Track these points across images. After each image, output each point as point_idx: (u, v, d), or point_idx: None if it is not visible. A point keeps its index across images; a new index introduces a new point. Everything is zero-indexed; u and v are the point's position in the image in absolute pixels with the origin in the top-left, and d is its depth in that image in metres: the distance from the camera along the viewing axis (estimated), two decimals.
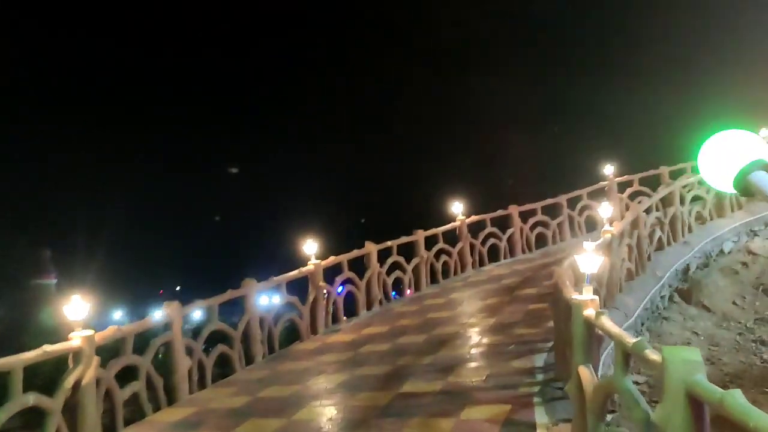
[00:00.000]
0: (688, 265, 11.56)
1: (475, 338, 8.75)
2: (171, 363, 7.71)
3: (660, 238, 11.55)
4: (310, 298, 10.68)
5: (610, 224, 9.61)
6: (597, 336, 4.77)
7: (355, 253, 12.08)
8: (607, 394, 4.17)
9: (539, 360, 7.27)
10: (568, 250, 15.20)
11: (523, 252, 15.92)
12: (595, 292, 6.07)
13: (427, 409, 6.06)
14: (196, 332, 8.88)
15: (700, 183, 12.65)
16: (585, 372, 4.61)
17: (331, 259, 11.49)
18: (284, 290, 10.25)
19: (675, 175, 18.20)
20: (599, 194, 17.56)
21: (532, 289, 11.49)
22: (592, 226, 17.26)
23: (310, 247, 11.07)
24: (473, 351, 8.07)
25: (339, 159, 43.81)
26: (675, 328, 10.20)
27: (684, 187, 12.48)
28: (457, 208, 15.13)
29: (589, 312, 4.65)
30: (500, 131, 36.31)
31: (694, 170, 16.06)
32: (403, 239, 13.44)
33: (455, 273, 14.50)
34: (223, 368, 8.88)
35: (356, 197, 38.87)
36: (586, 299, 4.75)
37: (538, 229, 16.43)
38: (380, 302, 12.40)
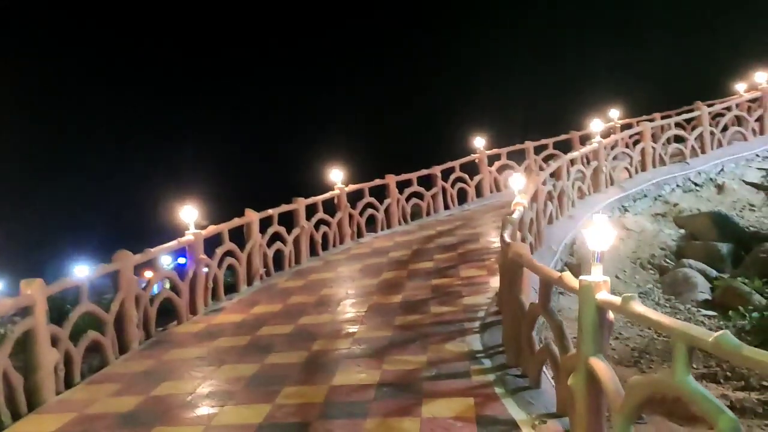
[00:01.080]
0: (574, 239, 11.66)
1: (390, 318, 7.97)
2: (32, 357, 6.09)
3: (551, 212, 11.52)
4: (190, 272, 9.27)
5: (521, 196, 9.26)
6: (609, 322, 4.18)
7: (236, 221, 10.77)
8: (651, 394, 3.59)
9: (475, 342, 6.67)
10: (449, 222, 15.11)
11: (399, 223, 15.42)
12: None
13: (377, 406, 5.19)
14: (59, 317, 7.19)
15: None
16: (600, 365, 4.00)
17: (211, 229, 10.10)
18: (161, 264, 8.76)
19: (538, 151, 18.81)
20: (472, 166, 17.63)
21: (427, 263, 10.95)
22: (463, 198, 17.27)
23: (188, 214, 9.61)
24: (396, 333, 7.29)
25: (222, 121, 40.72)
26: (572, 302, 10.16)
27: (572, 163, 12.59)
28: (336, 175, 14.22)
29: (604, 296, 4.04)
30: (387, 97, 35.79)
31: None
32: (284, 207, 12.32)
33: (334, 245, 13.64)
34: (91, 359, 7.33)
35: (240, 163, 36.15)
36: (597, 280, 4.13)
37: (413, 201, 16.03)
38: (261, 277, 11.23)
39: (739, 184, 14.39)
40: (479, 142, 17.75)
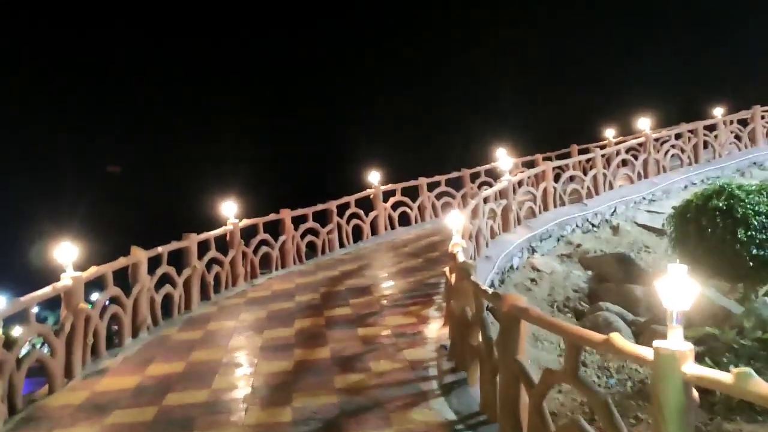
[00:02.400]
0: (492, 281, 11.10)
1: (326, 378, 6.77)
2: None
3: (471, 253, 10.88)
4: (67, 325, 7.49)
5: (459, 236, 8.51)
6: (696, 402, 3.38)
7: (121, 261, 9.06)
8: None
9: (444, 409, 5.68)
10: (350, 262, 14.05)
11: (295, 263, 14.16)
12: None
13: None
14: None
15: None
16: None
17: (93, 271, 8.34)
18: (32, 316, 6.95)
19: (431, 187, 18.41)
20: (366, 202, 16.81)
21: (343, 308, 9.83)
22: (357, 235, 16.37)
23: (65, 253, 7.84)
24: (343, 400, 6.11)
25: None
26: (540, 352, 9.52)
27: (486, 201, 12.10)
28: (228, 210, 12.76)
29: (694, 369, 3.24)
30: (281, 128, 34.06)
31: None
32: (175, 245, 10.70)
33: (226, 287, 12.12)
34: None
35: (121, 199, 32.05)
36: (681, 349, 3.32)
37: (308, 237, 14.86)
38: (148, 328, 9.52)
39: (631, 226, 14.72)
40: (374, 177, 17.00)
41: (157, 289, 9.98)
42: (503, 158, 13.37)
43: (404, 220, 17.59)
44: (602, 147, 21.92)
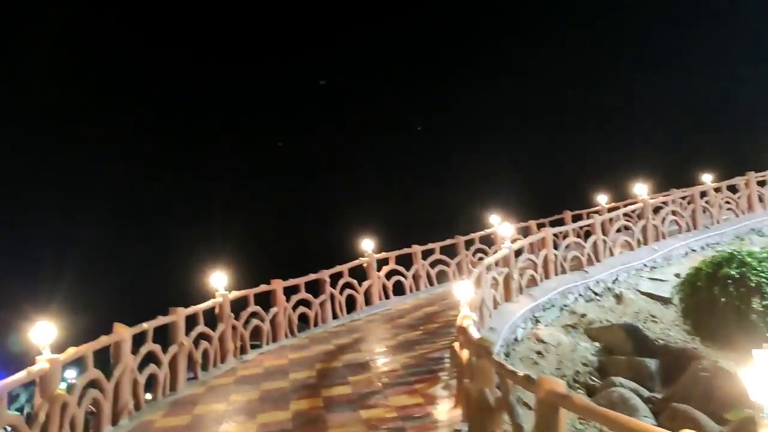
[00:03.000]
0: (498, 354, 10.48)
1: None
2: None
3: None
4: (41, 414, 6.74)
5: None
6: None
7: (103, 340, 8.37)
8: None
9: None
10: (344, 335, 13.37)
11: (287, 336, 13.45)
12: None
13: None
14: None
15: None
16: None
17: (71, 353, 7.64)
18: (3, 405, 6.22)
19: (425, 255, 17.90)
20: (359, 271, 16.25)
21: (342, 387, 9.13)
22: (351, 305, 15.75)
23: (42, 334, 7.16)
24: None
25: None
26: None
27: (488, 269, 11.60)
28: (218, 281, 12.14)
29: None
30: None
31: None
32: (161, 320, 10.03)
33: (215, 364, 11.37)
34: None
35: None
36: None
37: (300, 309, 14.19)
38: (130, 413, 8.74)
39: (635, 294, 14.26)
40: (368, 245, 16.51)
41: (141, 368, 9.26)
42: (503, 225, 12.99)
43: (398, 289, 17.02)
44: (597, 213, 21.87)
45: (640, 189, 16.47)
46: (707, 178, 19.66)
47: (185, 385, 10.27)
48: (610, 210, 20.19)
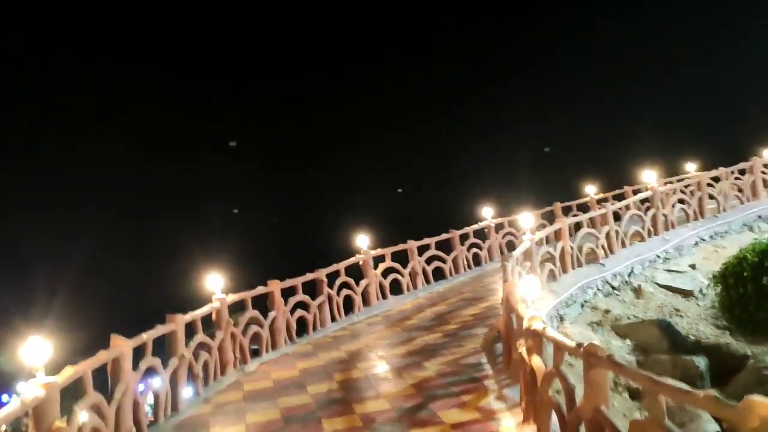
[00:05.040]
0: None
1: None
2: None
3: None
4: None
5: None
6: None
7: (102, 357, 7.00)
8: None
9: None
10: (349, 340, 12.20)
11: (286, 343, 12.19)
12: None
13: None
14: None
15: None
16: None
17: (69, 375, 6.27)
18: None
19: (421, 251, 16.86)
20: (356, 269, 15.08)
21: (374, 401, 7.99)
22: (348, 306, 14.58)
23: (34, 352, 5.79)
24: None
25: None
26: None
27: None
28: (214, 284, 10.82)
29: None
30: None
31: None
32: (160, 329, 8.68)
33: (215, 377, 10.05)
34: None
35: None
36: None
37: (299, 312, 12.94)
38: None
39: (654, 287, 13.49)
40: (363, 241, 15.35)
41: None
42: (524, 215, 11.97)
43: (394, 288, 15.92)
44: (584, 205, 21.21)
45: (650, 176, 15.74)
46: (691, 167, 19.29)
47: (187, 404, 8.94)
48: (598, 201, 19.73)
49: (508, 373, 8.28)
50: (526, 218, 11.83)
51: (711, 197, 16.65)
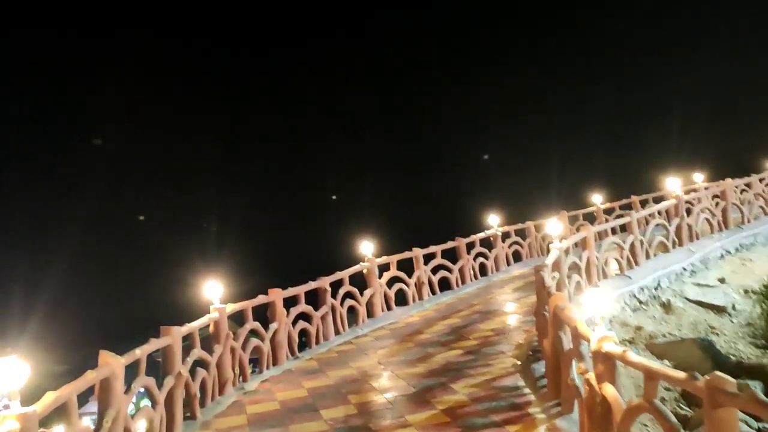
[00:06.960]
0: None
1: None
2: None
3: None
4: None
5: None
6: None
7: (90, 378, 5.83)
8: None
9: None
10: (359, 356, 11.09)
11: (288, 358, 11.07)
12: None
13: None
14: None
15: None
16: None
17: (49, 402, 5.12)
18: None
19: (427, 259, 15.86)
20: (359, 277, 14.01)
21: (406, 430, 6.92)
22: (352, 318, 13.51)
23: (10, 376, 4.63)
24: None
25: None
26: None
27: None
28: (213, 291, 9.67)
29: None
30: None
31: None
32: (154, 344, 7.51)
33: (212, 397, 8.89)
34: None
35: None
36: None
37: (299, 324, 11.81)
38: None
39: (683, 302, 12.58)
40: (367, 248, 14.28)
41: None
42: (553, 223, 10.99)
43: (399, 299, 14.88)
44: (590, 214, 20.40)
45: (674, 184, 14.85)
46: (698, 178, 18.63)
47: (183, 429, 7.77)
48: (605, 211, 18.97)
49: (555, 400, 7.26)
50: (555, 225, 10.84)
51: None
